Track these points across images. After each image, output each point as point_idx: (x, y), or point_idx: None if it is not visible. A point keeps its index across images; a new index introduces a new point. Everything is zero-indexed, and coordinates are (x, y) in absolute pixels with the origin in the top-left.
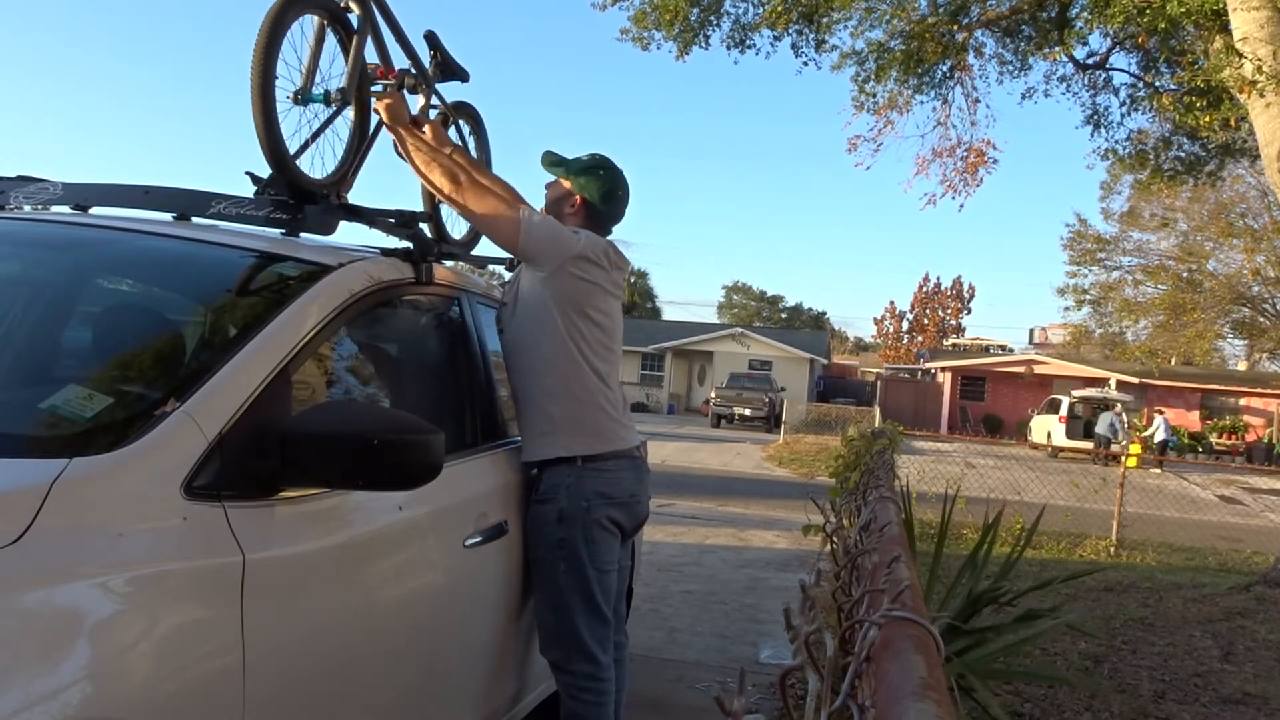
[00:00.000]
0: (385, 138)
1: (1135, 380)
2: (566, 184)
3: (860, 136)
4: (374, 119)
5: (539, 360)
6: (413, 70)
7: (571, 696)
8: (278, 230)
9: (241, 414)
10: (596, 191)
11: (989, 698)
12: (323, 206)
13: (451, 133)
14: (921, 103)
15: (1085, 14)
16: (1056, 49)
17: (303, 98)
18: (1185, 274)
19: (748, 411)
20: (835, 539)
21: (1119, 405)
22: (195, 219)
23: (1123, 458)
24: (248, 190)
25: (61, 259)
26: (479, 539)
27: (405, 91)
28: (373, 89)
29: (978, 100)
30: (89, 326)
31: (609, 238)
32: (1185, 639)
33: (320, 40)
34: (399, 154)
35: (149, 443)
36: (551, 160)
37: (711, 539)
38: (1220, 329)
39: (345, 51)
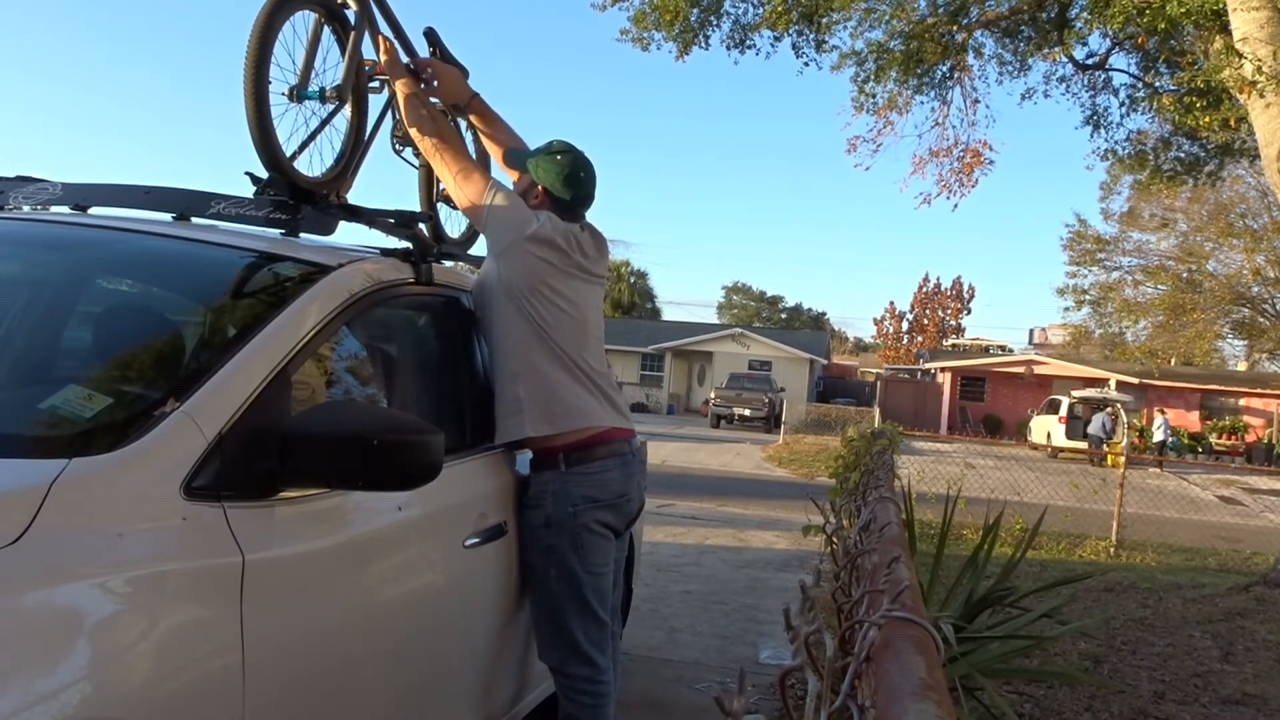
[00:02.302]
0: (384, 136)
1: (1135, 380)
2: (528, 176)
3: (860, 137)
4: (371, 119)
5: (502, 342)
6: (411, 66)
7: (569, 699)
8: (277, 230)
9: (241, 414)
10: (557, 177)
11: (996, 698)
12: (322, 207)
13: None
14: (921, 103)
15: (1085, 14)
16: (1056, 49)
17: (298, 94)
18: (1185, 274)
19: (747, 412)
20: (835, 539)
21: (1113, 405)
22: (195, 219)
23: (1121, 456)
24: (248, 190)
25: (61, 259)
26: (478, 539)
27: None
28: (370, 85)
29: (977, 101)
30: (89, 326)
31: (593, 227)
32: (1185, 639)
33: (316, 37)
34: (395, 150)
35: (148, 443)
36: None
37: (711, 539)
38: (1220, 329)
39: (342, 49)
